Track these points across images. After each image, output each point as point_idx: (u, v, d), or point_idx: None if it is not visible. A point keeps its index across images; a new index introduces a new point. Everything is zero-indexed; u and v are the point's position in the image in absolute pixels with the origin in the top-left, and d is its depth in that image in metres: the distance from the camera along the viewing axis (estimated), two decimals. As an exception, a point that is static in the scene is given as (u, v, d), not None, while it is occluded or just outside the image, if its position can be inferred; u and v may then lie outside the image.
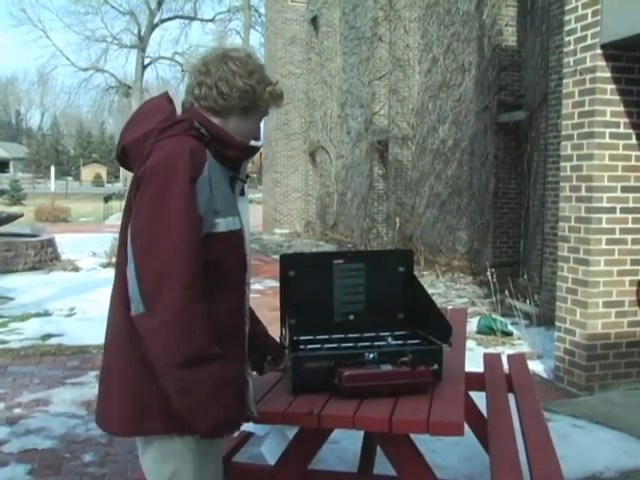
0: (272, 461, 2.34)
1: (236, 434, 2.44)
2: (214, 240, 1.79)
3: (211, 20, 43.97)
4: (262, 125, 2.08)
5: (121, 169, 67.60)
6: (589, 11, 5.02)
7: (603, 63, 4.98)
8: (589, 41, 5.03)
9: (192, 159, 1.75)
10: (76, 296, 8.59)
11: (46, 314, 7.70)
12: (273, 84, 1.94)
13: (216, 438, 1.83)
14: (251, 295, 2.06)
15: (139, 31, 44.43)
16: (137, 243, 1.72)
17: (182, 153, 1.75)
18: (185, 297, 1.67)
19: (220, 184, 1.82)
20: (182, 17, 44.62)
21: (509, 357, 3.95)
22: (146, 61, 45.80)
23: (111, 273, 1.99)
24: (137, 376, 1.77)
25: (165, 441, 1.81)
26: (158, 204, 1.71)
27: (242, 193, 1.97)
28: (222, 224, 1.81)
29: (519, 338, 6.75)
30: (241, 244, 1.91)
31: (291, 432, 2.39)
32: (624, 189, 5.07)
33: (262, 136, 2.01)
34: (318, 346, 2.41)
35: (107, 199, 26.46)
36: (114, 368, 1.84)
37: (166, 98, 1.94)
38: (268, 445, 2.41)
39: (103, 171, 71.68)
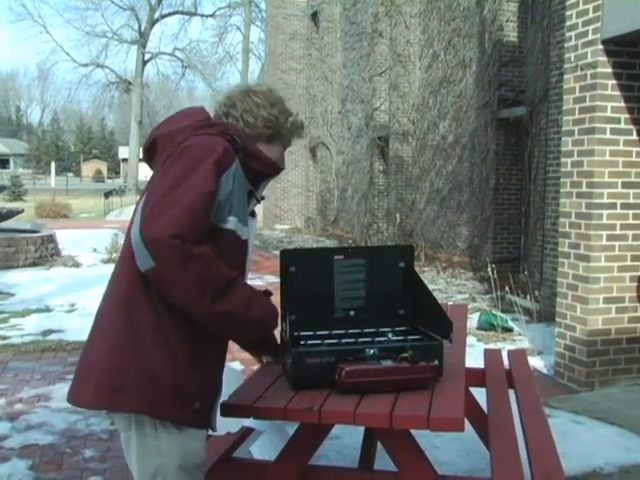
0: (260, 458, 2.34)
1: (236, 430, 2.45)
2: (221, 235, 1.83)
3: (211, 15, 43.95)
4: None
5: (122, 165, 67.65)
6: (590, 6, 5.01)
7: (604, 58, 4.97)
8: (590, 36, 5.02)
9: (224, 154, 1.83)
10: (77, 292, 8.59)
11: (47, 310, 7.71)
12: (294, 115, 2.11)
13: (269, 332, 2.00)
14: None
15: (139, 27, 44.44)
16: (151, 200, 1.75)
17: (216, 146, 1.83)
18: (190, 241, 1.70)
19: (241, 187, 1.90)
20: (182, 12, 44.63)
21: (509, 353, 3.95)
22: (146, 57, 45.82)
23: (112, 269, 1.99)
24: (121, 353, 1.79)
25: (149, 436, 1.83)
26: (181, 175, 1.76)
27: (252, 214, 2.06)
28: (233, 222, 1.86)
29: (519, 334, 6.75)
30: (244, 253, 1.96)
31: (291, 428, 2.39)
32: (625, 185, 5.07)
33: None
34: (318, 342, 2.41)
35: (107, 195, 26.48)
36: (99, 344, 1.85)
37: (203, 108, 2.05)
38: (259, 444, 2.42)
39: (103, 167, 71.72)
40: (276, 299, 2.38)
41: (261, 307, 1.89)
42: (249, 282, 2.00)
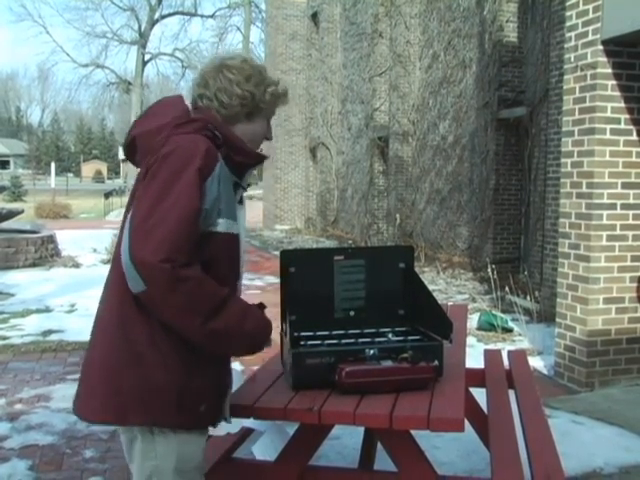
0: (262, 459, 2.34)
1: (236, 430, 2.44)
2: (212, 239, 1.79)
3: (211, 16, 43.96)
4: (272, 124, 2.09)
5: (122, 165, 67.64)
6: (590, 7, 5.01)
7: (604, 59, 4.97)
8: (590, 37, 5.03)
9: (206, 157, 1.77)
10: (77, 292, 8.59)
11: (47, 310, 7.70)
12: (274, 84, 1.96)
13: (265, 347, 1.93)
14: (251, 292, 2.06)
15: (139, 27, 44.46)
16: (136, 221, 1.72)
17: (197, 149, 1.77)
18: (180, 262, 1.67)
19: (227, 186, 1.85)
20: (182, 13, 44.64)
21: (509, 353, 3.95)
22: (146, 57, 45.82)
23: (112, 269, 1.99)
24: (120, 365, 1.78)
25: (147, 439, 1.83)
26: (164, 189, 1.72)
27: (240, 201, 1.99)
28: (223, 224, 1.82)
29: (519, 334, 6.75)
30: (237, 249, 1.92)
31: (291, 429, 2.39)
32: (625, 185, 5.07)
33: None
34: (318, 342, 2.41)
35: (107, 195, 26.47)
36: (98, 354, 1.84)
37: (181, 97, 1.98)
38: (260, 444, 2.41)
39: (103, 167, 71.69)
40: (276, 299, 2.39)
41: (255, 321, 1.87)
42: (249, 282, 2.00)
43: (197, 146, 1.78)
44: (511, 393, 3.24)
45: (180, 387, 1.79)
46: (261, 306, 1.97)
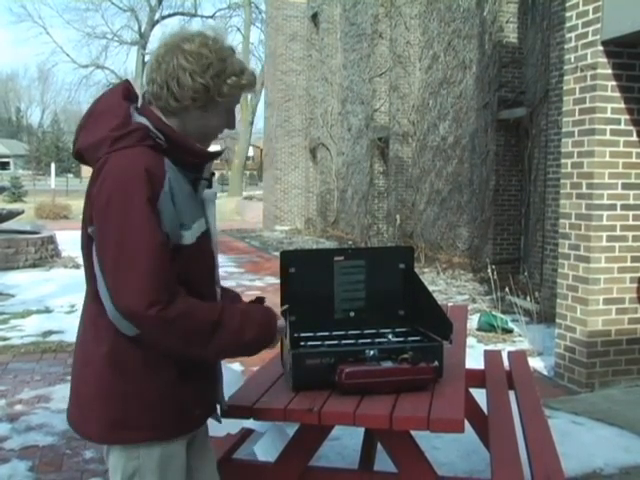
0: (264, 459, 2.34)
1: (236, 431, 2.44)
2: (181, 252, 1.73)
3: (211, 17, 43.92)
4: (238, 113, 1.95)
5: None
6: (590, 7, 5.01)
7: (604, 60, 4.97)
8: (590, 38, 5.03)
9: (148, 179, 1.63)
10: (77, 293, 8.51)
11: (47, 311, 7.71)
12: (235, 74, 1.75)
13: (275, 341, 1.89)
14: (252, 292, 2.05)
15: (139, 28, 44.45)
16: (107, 276, 1.65)
17: (136, 175, 1.62)
18: (164, 301, 1.62)
19: (183, 194, 1.73)
20: (182, 14, 44.61)
21: (509, 354, 3.95)
22: (147, 58, 45.74)
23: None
24: (116, 383, 1.74)
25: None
26: (122, 240, 1.62)
27: (209, 186, 1.87)
28: (188, 236, 1.73)
29: (519, 335, 6.75)
30: (207, 243, 1.85)
31: (291, 429, 2.39)
32: (625, 186, 5.07)
33: (243, 126, 1.88)
34: (319, 343, 2.41)
35: (108, 196, 26.35)
36: (89, 378, 1.78)
37: (121, 93, 1.78)
38: (262, 444, 2.41)
39: (103, 168, 71.51)
40: (276, 300, 2.39)
41: (254, 327, 1.80)
42: (249, 283, 1.98)
43: (135, 171, 1.62)
44: (511, 394, 3.25)
45: (176, 399, 1.77)
46: (260, 300, 1.92)
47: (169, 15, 45.07)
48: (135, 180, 1.62)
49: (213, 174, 1.90)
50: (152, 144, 1.69)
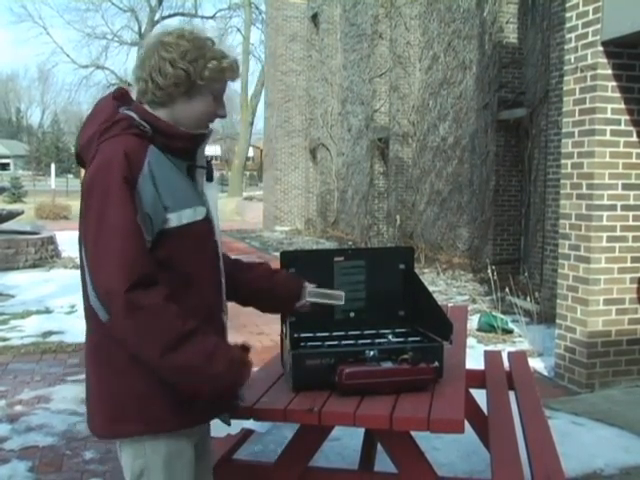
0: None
1: (236, 431, 2.44)
2: (167, 236, 1.75)
3: (212, 17, 43.94)
4: (227, 100, 1.93)
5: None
6: (590, 8, 5.01)
7: (604, 60, 4.97)
8: (590, 38, 5.03)
9: (126, 161, 1.69)
10: (77, 293, 8.42)
11: (47, 311, 7.70)
12: (216, 58, 1.81)
13: (238, 390, 1.85)
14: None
15: (139, 28, 44.43)
16: (88, 258, 1.71)
17: (115, 158, 1.70)
18: (139, 283, 1.65)
19: (169, 178, 1.77)
20: (183, 14, 44.59)
21: (509, 354, 3.95)
22: (146, 58, 45.70)
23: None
24: (109, 379, 1.78)
25: (137, 438, 1.82)
26: (100, 220, 1.68)
27: (210, 179, 1.93)
28: (174, 219, 1.76)
29: (520, 335, 6.75)
30: (208, 233, 1.87)
31: (291, 430, 2.39)
32: (625, 186, 5.07)
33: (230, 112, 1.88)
34: (319, 343, 2.41)
35: (108, 196, 26.36)
36: (89, 371, 1.85)
37: (112, 96, 1.87)
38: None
39: (104, 168, 71.52)
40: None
41: (227, 361, 1.74)
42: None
43: (115, 155, 1.70)
44: (511, 394, 3.24)
45: (163, 389, 1.77)
46: (244, 348, 1.86)
47: (169, 15, 45.06)
48: (114, 163, 1.69)
49: (210, 162, 1.94)
50: (137, 132, 1.77)
